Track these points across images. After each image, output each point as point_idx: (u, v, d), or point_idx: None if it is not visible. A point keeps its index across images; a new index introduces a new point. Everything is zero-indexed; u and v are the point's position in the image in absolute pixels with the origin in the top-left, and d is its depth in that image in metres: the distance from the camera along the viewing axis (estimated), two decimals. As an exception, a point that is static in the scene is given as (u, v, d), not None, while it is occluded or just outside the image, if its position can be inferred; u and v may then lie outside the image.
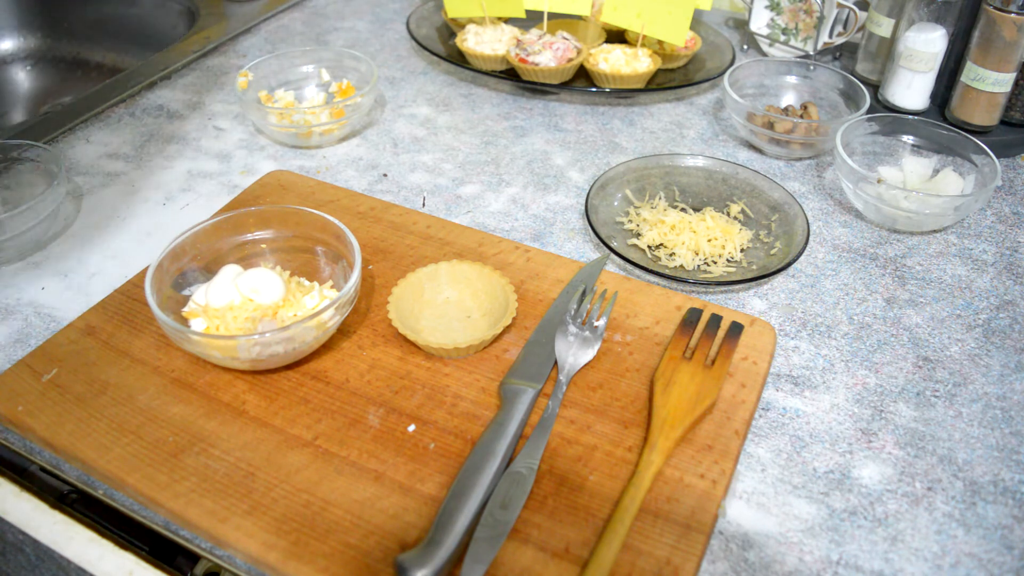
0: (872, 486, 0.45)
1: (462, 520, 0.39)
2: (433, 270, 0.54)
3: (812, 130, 0.70)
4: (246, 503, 0.42)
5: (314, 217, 0.54)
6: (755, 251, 0.61)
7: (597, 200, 0.63)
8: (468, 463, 0.42)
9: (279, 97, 0.78)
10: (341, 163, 0.73)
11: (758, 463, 0.46)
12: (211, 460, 0.44)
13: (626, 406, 0.47)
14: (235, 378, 0.49)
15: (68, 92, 1.11)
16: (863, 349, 0.54)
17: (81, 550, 0.43)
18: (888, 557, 0.41)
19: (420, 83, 0.87)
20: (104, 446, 0.45)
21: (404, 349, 0.51)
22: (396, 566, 0.37)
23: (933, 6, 0.72)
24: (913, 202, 0.62)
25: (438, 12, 0.96)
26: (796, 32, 0.89)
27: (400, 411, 0.47)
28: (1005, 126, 0.74)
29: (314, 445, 0.45)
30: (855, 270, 0.60)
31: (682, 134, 0.78)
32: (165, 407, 0.47)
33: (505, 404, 0.46)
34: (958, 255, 0.62)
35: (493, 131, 0.78)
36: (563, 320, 0.51)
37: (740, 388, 0.48)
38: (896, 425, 0.48)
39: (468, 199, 0.68)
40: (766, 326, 0.52)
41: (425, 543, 0.38)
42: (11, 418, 0.47)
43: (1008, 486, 0.45)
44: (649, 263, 0.59)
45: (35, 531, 0.44)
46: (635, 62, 0.80)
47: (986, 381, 0.51)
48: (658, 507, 0.42)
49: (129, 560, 0.43)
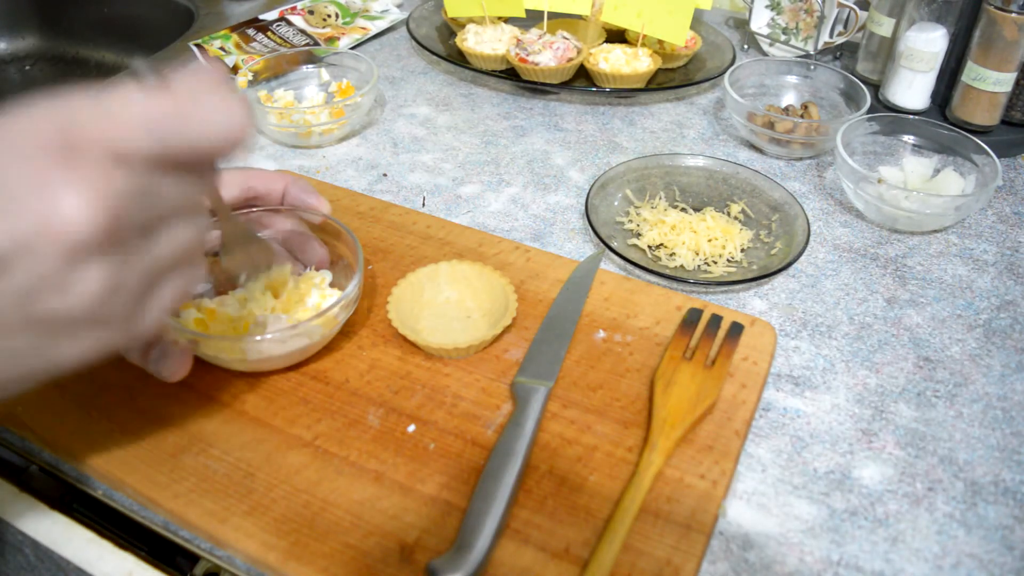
0: (873, 486, 0.45)
1: (490, 523, 0.39)
2: (433, 270, 0.54)
3: (813, 130, 0.70)
4: (246, 503, 0.42)
5: (314, 216, 0.53)
6: (755, 251, 0.61)
7: (597, 200, 0.63)
8: (490, 465, 0.42)
9: (279, 97, 0.78)
10: (341, 163, 0.73)
11: (758, 463, 0.46)
12: (211, 460, 0.44)
13: (626, 406, 0.47)
14: (235, 378, 0.49)
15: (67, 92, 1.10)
16: (864, 349, 0.54)
17: (80, 550, 0.43)
18: (889, 557, 0.41)
19: (420, 83, 0.86)
20: (104, 446, 0.44)
21: (404, 349, 0.51)
22: (428, 572, 0.37)
23: (934, 6, 0.72)
24: (914, 202, 0.61)
25: (438, 12, 0.96)
26: (797, 32, 0.88)
27: (400, 411, 0.47)
28: (1006, 126, 0.74)
29: (314, 445, 0.45)
30: (856, 270, 0.60)
31: (682, 134, 0.78)
32: (165, 407, 0.47)
33: (520, 403, 0.46)
34: (959, 255, 0.62)
35: (493, 131, 0.78)
36: None
37: (740, 388, 0.48)
38: (897, 425, 0.48)
39: (468, 199, 0.68)
40: (766, 326, 0.52)
41: (455, 548, 0.38)
42: (11, 418, 0.47)
43: (1009, 486, 0.45)
44: (649, 263, 0.59)
45: (34, 531, 0.44)
46: (635, 62, 0.80)
47: (987, 381, 0.51)
48: (658, 507, 0.42)
49: (128, 560, 0.42)
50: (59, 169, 0.27)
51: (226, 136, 0.31)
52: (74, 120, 0.28)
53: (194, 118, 0.30)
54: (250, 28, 0.92)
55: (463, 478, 0.43)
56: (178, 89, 0.30)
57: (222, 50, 0.87)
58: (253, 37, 0.91)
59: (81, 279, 0.28)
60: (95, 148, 0.28)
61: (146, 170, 0.29)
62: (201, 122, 0.30)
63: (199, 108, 0.30)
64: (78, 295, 0.29)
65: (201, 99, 0.30)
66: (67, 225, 0.27)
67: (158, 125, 0.29)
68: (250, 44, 0.89)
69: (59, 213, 0.27)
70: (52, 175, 0.27)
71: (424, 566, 0.39)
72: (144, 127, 0.29)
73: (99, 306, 0.30)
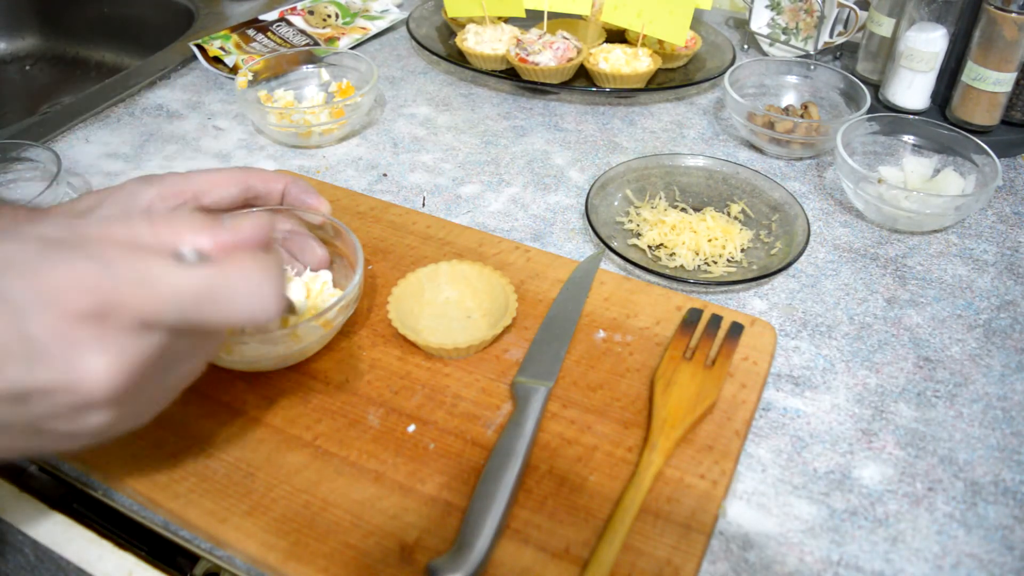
0: (873, 486, 0.45)
1: (490, 523, 0.39)
2: (433, 270, 0.54)
3: (813, 130, 0.70)
4: (246, 503, 0.42)
5: (313, 216, 0.53)
6: (755, 251, 0.61)
7: (597, 200, 0.63)
8: (490, 465, 0.42)
9: (279, 97, 0.78)
10: (341, 163, 0.73)
11: (758, 463, 0.46)
12: (210, 460, 0.44)
13: (626, 406, 0.47)
14: (235, 378, 0.49)
15: (67, 92, 1.10)
16: (864, 349, 0.54)
17: (81, 550, 0.43)
18: (889, 557, 0.41)
19: (420, 83, 0.86)
20: (104, 446, 0.44)
21: (404, 349, 0.51)
22: (428, 572, 0.37)
23: (934, 6, 0.72)
24: (914, 202, 0.61)
25: (438, 12, 0.96)
26: (797, 32, 0.88)
27: (400, 411, 0.47)
28: (1006, 126, 0.74)
29: (314, 445, 0.45)
30: (856, 270, 0.60)
31: (682, 134, 0.78)
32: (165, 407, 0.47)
33: (520, 403, 0.46)
34: (959, 255, 0.62)
35: (493, 131, 0.78)
36: None
37: (740, 388, 0.48)
38: (897, 425, 0.48)
39: (468, 199, 0.68)
40: (766, 326, 0.52)
41: (455, 548, 0.38)
42: (10, 418, 0.47)
43: (1009, 486, 0.45)
44: (649, 263, 0.59)
45: (35, 531, 0.44)
46: (635, 62, 0.80)
47: (987, 381, 0.51)
48: (658, 507, 0.42)
49: (129, 560, 0.42)
50: (89, 330, 0.28)
51: (253, 319, 0.31)
52: (112, 286, 0.28)
53: (225, 301, 0.30)
54: (250, 28, 0.92)
55: (463, 478, 0.43)
56: (215, 264, 0.30)
57: (222, 50, 0.87)
58: (253, 37, 0.91)
59: (90, 417, 0.30)
60: (126, 315, 0.29)
61: (167, 335, 0.30)
62: (231, 305, 0.30)
63: (232, 290, 0.30)
64: (85, 426, 0.31)
65: (235, 280, 0.30)
66: (88, 384, 0.29)
67: (190, 304, 0.29)
68: (250, 44, 0.89)
69: (82, 372, 0.28)
70: (81, 335, 0.28)
71: (424, 566, 0.39)
72: (176, 303, 0.29)
73: (104, 431, 0.32)
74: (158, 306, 0.29)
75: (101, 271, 0.28)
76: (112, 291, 0.28)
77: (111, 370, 0.29)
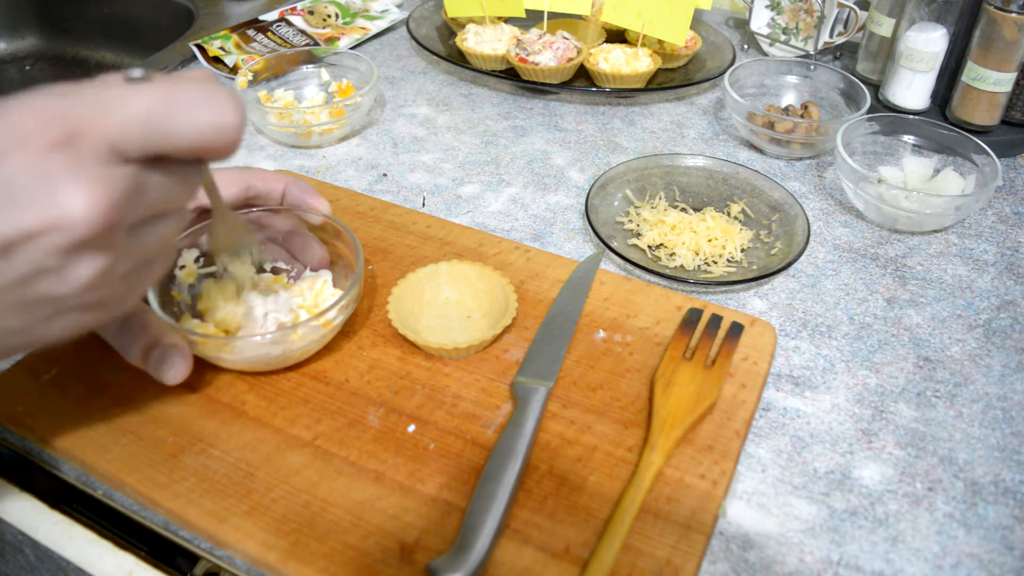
0: (873, 486, 0.45)
1: (490, 523, 0.39)
2: (433, 270, 0.54)
3: (812, 130, 0.70)
4: (245, 503, 0.42)
5: (314, 216, 0.53)
6: (755, 251, 0.61)
7: (597, 200, 0.63)
8: (490, 465, 0.42)
9: (279, 97, 0.78)
10: (341, 163, 0.73)
11: (758, 463, 0.46)
12: (210, 460, 0.44)
13: (626, 406, 0.47)
14: (235, 378, 0.49)
15: (68, 92, 1.10)
16: (864, 349, 0.54)
17: (80, 550, 0.43)
18: (889, 557, 0.41)
19: (420, 83, 0.86)
20: (103, 446, 0.44)
21: (404, 349, 0.51)
22: (428, 572, 0.37)
23: (934, 6, 0.72)
24: (914, 202, 0.61)
25: (438, 12, 0.96)
26: (796, 32, 0.88)
27: (400, 411, 0.47)
28: (1006, 126, 0.74)
29: (314, 445, 0.45)
30: (856, 270, 0.60)
31: (682, 134, 0.78)
32: (165, 407, 0.47)
33: (520, 403, 0.46)
34: (959, 255, 0.62)
35: (493, 131, 0.78)
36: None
37: (740, 388, 0.48)
38: (897, 425, 0.48)
39: (468, 199, 0.68)
40: (766, 326, 0.52)
41: (455, 548, 0.38)
42: (11, 418, 0.47)
43: (1009, 487, 0.45)
44: (649, 263, 0.59)
45: (34, 531, 0.44)
46: (635, 62, 0.80)
47: (987, 381, 0.51)
48: (658, 507, 0.42)
49: (128, 560, 0.42)
50: (62, 162, 0.28)
51: (216, 130, 0.31)
52: (74, 112, 0.29)
53: (184, 111, 0.30)
54: (250, 28, 0.92)
55: (463, 478, 0.43)
56: (168, 84, 0.31)
57: (222, 50, 0.87)
58: (253, 37, 0.91)
59: (76, 267, 0.30)
60: (95, 141, 0.29)
61: (140, 168, 0.30)
62: (191, 113, 0.31)
63: (189, 102, 0.31)
64: (72, 282, 0.30)
65: (191, 94, 0.31)
66: (71, 220, 0.28)
67: (152, 118, 0.30)
68: (250, 44, 0.89)
69: (64, 208, 0.28)
70: (56, 168, 0.28)
71: (424, 566, 0.39)
72: (139, 120, 0.29)
73: (89, 292, 0.31)
74: (123, 126, 0.29)
75: (62, 101, 0.29)
76: (77, 118, 0.29)
77: (90, 199, 0.29)
